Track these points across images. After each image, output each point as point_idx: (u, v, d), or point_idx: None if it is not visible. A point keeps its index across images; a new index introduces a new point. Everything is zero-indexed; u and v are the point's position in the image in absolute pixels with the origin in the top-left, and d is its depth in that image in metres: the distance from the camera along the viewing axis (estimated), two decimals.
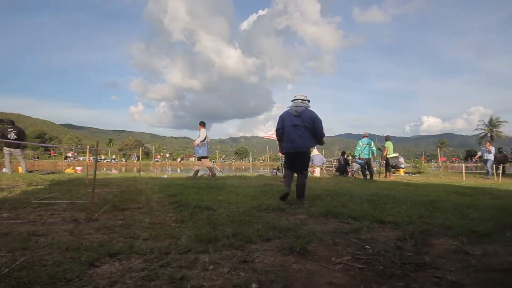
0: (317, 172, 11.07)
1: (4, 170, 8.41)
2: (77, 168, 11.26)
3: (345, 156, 11.98)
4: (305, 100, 3.96)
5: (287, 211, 3.14)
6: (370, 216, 2.77)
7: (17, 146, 7.87)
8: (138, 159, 37.04)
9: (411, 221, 2.68)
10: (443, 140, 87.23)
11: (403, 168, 13.63)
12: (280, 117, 4.03)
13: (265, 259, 1.68)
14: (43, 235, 2.07)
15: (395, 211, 3.13)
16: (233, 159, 46.93)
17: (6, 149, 7.81)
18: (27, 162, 8.77)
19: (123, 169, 23.03)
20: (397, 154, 10.91)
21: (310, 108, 3.94)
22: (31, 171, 8.25)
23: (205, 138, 7.71)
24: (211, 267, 1.53)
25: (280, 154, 6.78)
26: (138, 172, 8.91)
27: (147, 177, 7.73)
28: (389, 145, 10.56)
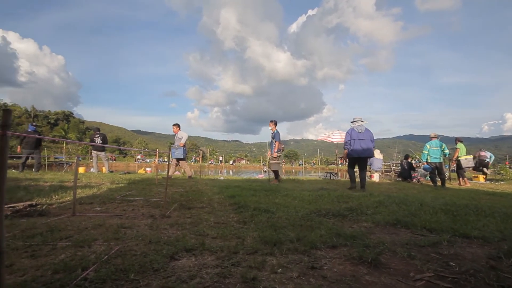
0: (375, 177, 10.29)
1: (92, 170, 9.95)
2: (147, 169, 12.68)
3: (409, 160, 10.87)
4: (363, 121, 5.96)
5: (349, 218, 2.99)
6: (449, 229, 2.45)
7: (102, 150, 9.24)
8: (196, 161, 39.74)
9: (504, 237, 2.28)
10: None
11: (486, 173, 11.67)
12: (347, 133, 5.98)
13: (334, 267, 1.63)
14: (129, 227, 2.38)
15: (481, 224, 2.71)
16: (283, 162, 46.83)
17: (94, 152, 9.25)
18: (109, 163, 10.21)
19: (182, 170, 24.95)
20: (471, 156, 9.50)
21: (367, 127, 5.94)
22: (112, 171, 9.58)
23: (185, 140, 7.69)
24: (279, 270, 1.54)
25: (343, 158, 7.40)
26: (198, 173, 9.57)
27: (205, 178, 8.24)
28: (461, 147, 9.31)
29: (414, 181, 9.78)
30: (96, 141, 9.05)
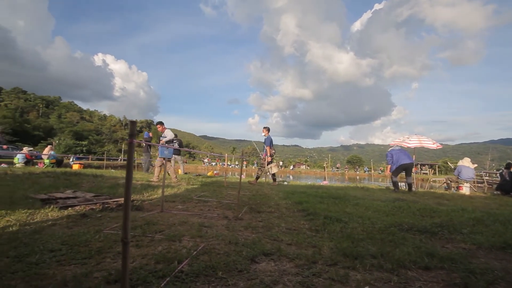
0: (465, 189, 8.76)
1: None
2: (214, 171, 13.71)
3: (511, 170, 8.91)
4: (398, 145, 8.00)
5: (439, 235, 2.62)
6: None
7: (179, 153, 10.34)
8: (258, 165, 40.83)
9: None
10: None
11: None
12: (388, 153, 7.45)
13: None
14: (209, 227, 2.57)
15: None
16: (346, 168, 44.13)
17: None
18: (184, 166, 11.40)
19: (244, 174, 25.96)
20: None
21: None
22: (186, 173, 10.63)
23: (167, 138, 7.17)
24: (366, 287, 1.44)
25: (388, 172, 7.84)
26: (263, 178, 9.78)
27: (270, 182, 8.36)
28: None
29: None
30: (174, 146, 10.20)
